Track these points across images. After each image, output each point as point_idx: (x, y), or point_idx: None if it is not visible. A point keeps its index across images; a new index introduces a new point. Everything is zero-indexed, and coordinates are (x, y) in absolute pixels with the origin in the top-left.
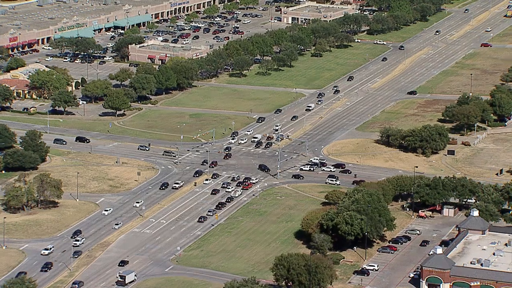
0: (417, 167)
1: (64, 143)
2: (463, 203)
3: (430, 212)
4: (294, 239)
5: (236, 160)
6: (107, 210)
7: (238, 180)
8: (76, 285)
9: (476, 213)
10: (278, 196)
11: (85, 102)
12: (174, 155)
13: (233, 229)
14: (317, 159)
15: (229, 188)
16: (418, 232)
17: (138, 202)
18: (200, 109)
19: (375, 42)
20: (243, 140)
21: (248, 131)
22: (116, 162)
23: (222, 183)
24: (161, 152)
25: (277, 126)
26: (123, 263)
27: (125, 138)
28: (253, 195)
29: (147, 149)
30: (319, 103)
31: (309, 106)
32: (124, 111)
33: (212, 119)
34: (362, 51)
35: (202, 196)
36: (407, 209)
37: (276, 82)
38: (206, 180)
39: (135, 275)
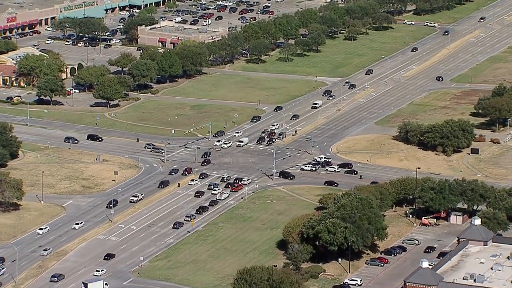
0: (419, 168)
1: (76, 142)
2: (473, 209)
3: (435, 220)
4: (275, 248)
5: (232, 157)
6: (42, 229)
7: (228, 180)
8: (56, 278)
9: (478, 221)
10: (269, 200)
11: (77, 91)
12: (162, 151)
13: (209, 237)
14: (322, 158)
15: (215, 189)
16: (416, 242)
17: (78, 224)
18: (205, 100)
19: (426, 23)
20: (227, 144)
21: (236, 132)
22: (96, 159)
23: (209, 184)
24: (157, 149)
25: (274, 125)
26: (108, 256)
27: (113, 132)
28: (241, 198)
29: (154, 146)
30: (330, 99)
31: (315, 103)
32: (118, 101)
33: (215, 111)
34: (403, 34)
35: (184, 198)
36: (410, 216)
37: (297, 69)
38: (192, 180)
39: (106, 284)
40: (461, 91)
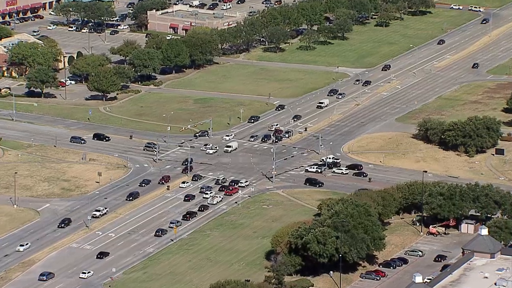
0: (426, 171)
1: (82, 142)
2: (487, 217)
3: (443, 228)
4: (263, 260)
5: (231, 157)
6: None
7: (223, 183)
8: (44, 276)
9: (485, 231)
10: (265, 205)
11: (73, 82)
12: (154, 148)
13: (193, 246)
14: (330, 158)
15: (207, 193)
16: (420, 253)
17: (23, 245)
18: (212, 93)
19: (470, 8)
20: (213, 149)
21: (227, 135)
22: (82, 158)
23: (201, 186)
24: (151, 146)
25: (274, 125)
26: (101, 255)
27: (106, 128)
28: (235, 202)
29: (155, 147)
30: (340, 97)
31: (321, 103)
32: (117, 94)
33: (220, 105)
34: (442, 20)
35: (172, 203)
36: (417, 224)
37: (319, 59)
38: (183, 182)
39: None
40: (497, 84)
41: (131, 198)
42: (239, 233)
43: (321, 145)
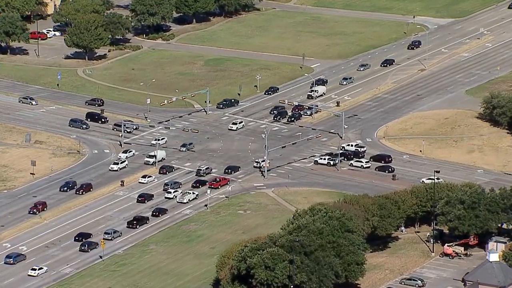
0: (438, 171)
1: (85, 126)
2: None
3: (462, 248)
4: (209, 286)
5: (224, 141)
6: None
7: (201, 175)
8: (11, 259)
9: (495, 256)
10: (242, 209)
11: (58, 34)
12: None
13: (125, 266)
14: (353, 145)
15: (170, 191)
16: (419, 282)
17: None
18: (233, 51)
19: None
20: (120, 162)
21: (157, 139)
22: (26, 140)
23: (166, 183)
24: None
25: (237, 122)
26: (81, 237)
27: (75, 99)
28: (204, 205)
29: (131, 127)
30: (345, 83)
31: (314, 91)
32: (108, 51)
33: (237, 69)
34: None
35: (121, 204)
36: (431, 240)
37: (395, 4)
38: (145, 177)
39: None
40: None
41: None
42: (192, 248)
43: (364, 126)
